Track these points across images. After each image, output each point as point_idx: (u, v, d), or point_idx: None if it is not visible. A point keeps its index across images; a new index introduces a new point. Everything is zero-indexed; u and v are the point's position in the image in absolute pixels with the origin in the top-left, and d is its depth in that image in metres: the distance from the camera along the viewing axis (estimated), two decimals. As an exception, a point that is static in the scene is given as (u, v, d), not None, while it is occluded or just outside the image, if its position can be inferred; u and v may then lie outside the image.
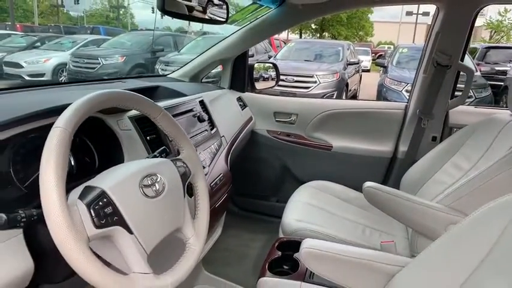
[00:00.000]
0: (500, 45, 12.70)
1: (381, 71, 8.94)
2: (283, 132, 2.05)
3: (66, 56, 9.24)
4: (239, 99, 2.00)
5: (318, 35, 28.64)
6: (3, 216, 0.57)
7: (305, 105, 2.06)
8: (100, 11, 31.41)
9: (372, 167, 1.89)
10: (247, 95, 2.08)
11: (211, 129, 1.47)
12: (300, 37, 25.47)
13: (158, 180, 0.73)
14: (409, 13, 27.62)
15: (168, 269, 0.73)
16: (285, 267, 1.16)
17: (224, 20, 1.16)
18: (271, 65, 2.26)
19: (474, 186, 1.13)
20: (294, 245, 1.24)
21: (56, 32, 15.72)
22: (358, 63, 9.12)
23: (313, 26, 28.03)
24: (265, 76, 2.24)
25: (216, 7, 1.11)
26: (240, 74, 2.06)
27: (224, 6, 1.14)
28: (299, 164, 2.02)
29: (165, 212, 0.72)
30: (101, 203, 0.61)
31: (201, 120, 1.39)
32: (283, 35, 23.83)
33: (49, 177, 0.55)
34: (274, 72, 2.24)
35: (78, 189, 0.64)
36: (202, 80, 2.03)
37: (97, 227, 0.59)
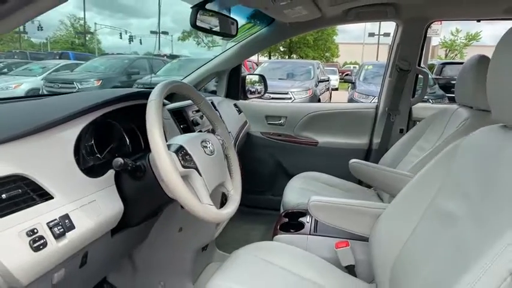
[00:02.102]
0: (454, 61, 14.08)
1: (349, 87, 9.58)
2: (275, 133, 2.35)
3: (37, 81, 9.19)
4: (235, 105, 2.29)
5: (287, 56, 29.71)
6: (120, 160, 0.82)
7: (292, 108, 2.39)
8: (65, 37, 31.11)
9: (351, 158, 2.22)
10: (241, 102, 2.38)
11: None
12: (270, 59, 26.37)
13: (210, 144, 1.00)
14: (371, 34, 29.38)
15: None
16: (292, 230, 1.43)
17: (235, 34, 1.47)
18: (259, 76, 2.59)
19: (432, 156, 1.47)
20: (297, 215, 1.53)
21: (21, 58, 15.48)
22: (328, 81, 9.73)
23: (281, 49, 29.11)
24: (252, 90, 2.57)
25: (230, 24, 1.42)
26: (235, 84, 2.36)
27: (235, 24, 1.45)
28: (290, 159, 2.32)
29: (217, 166, 0.99)
30: (182, 153, 0.87)
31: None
32: (254, 57, 24.64)
33: (155, 132, 0.81)
34: (260, 86, 2.58)
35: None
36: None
37: (183, 167, 0.85)
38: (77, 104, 0.91)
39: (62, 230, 0.72)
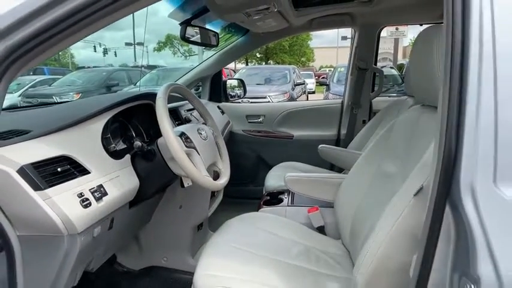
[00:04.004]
0: None
1: (324, 89, 10.01)
2: (255, 130, 2.64)
3: (15, 98, 9.10)
4: (218, 107, 2.57)
5: (264, 63, 30.22)
6: (138, 143, 1.09)
7: (270, 107, 2.69)
8: (35, 52, 30.36)
9: None
10: (224, 104, 2.66)
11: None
12: (247, 65, 26.82)
13: (204, 132, 1.27)
14: (344, 38, 30.23)
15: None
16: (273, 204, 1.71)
17: (216, 44, 1.75)
18: (237, 81, 2.89)
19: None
20: (277, 194, 1.81)
21: (-7, 77, 15.15)
22: (303, 84, 10.16)
23: (258, 55, 29.63)
24: (232, 94, 2.86)
25: (212, 36, 1.70)
26: (217, 88, 2.64)
27: (216, 36, 1.74)
28: (269, 152, 2.61)
29: (210, 148, 1.27)
30: (184, 136, 1.14)
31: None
32: (231, 65, 25.00)
33: (165, 121, 1.07)
34: (240, 90, 2.87)
35: None
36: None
37: (186, 147, 1.12)
38: (100, 104, 1.17)
39: (99, 195, 0.98)
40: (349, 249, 1.32)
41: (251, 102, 7.45)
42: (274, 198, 1.76)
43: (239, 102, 2.86)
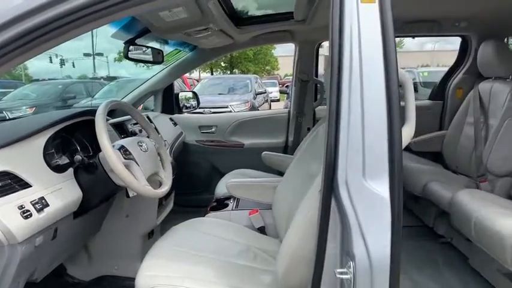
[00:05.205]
0: None
1: (286, 97, 10.31)
2: (208, 139, 2.75)
3: (-39, 114, 8.67)
4: (171, 119, 2.66)
5: (229, 72, 30.39)
6: (79, 156, 1.17)
7: (221, 118, 2.82)
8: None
9: None
10: (176, 116, 2.75)
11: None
12: (212, 75, 26.86)
13: (144, 144, 1.37)
14: (305, 47, 31.04)
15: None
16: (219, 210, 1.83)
17: (161, 61, 1.86)
18: (191, 93, 2.99)
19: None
20: (224, 200, 1.94)
21: None
22: (265, 93, 10.41)
23: (222, 64, 29.78)
24: (187, 105, 2.97)
25: (156, 54, 1.81)
26: (169, 100, 2.73)
27: (161, 53, 1.85)
28: (222, 161, 2.73)
29: (151, 159, 1.37)
30: (123, 149, 1.24)
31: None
32: (195, 74, 25.00)
33: (103, 136, 1.17)
34: (195, 102, 2.98)
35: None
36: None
37: (125, 159, 1.22)
38: (41, 122, 1.25)
39: (40, 206, 1.05)
40: None
41: (213, 112, 7.61)
42: (221, 204, 1.88)
43: (201, 113, 2.97)
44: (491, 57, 2.12)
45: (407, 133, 0.91)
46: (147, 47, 1.73)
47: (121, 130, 1.72)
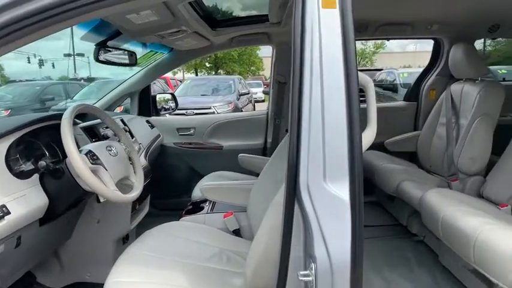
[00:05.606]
0: (364, 68, 16.03)
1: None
2: (186, 142, 2.73)
3: None
4: (147, 121, 2.63)
5: (214, 72, 30.24)
6: (43, 162, 1.14)
7: (200, 120, 2.80)
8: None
9: None
10: (153, 118, 2.72)
11: (132, 138, 2.08)
12: (196, 75, 26.69)
13: (114, 148, 1.35)
14: (289, 47, 31.18)
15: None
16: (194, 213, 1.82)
17: (134, 63, 1.84)
18: (170, 95, 2.96)
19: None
20: (199, 203, 1.93)
21: None
22: (249, 94, 10.41)
23: (207, 65, 29.61)
24: (166, 107, 2.94)
25: (129, 56, 1.79)
26: (146, 103, 2.70)
27: (133, 55, 1.83)
28: (200, 163, 2.72)
29: (120, 164, 1.35)
30: (90, 154, 1.22)
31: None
32: (179, 75, 24.79)
33: (69, 141, 1.14)
34: (173, 103, 2.95)
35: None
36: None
37: (91, 163, 1.20)
38: (4, 127, 1.21)
39: (1, 214, 1.02)
40: None
41: (196, 114, 7.59)
42: (197, 207, 1.87)
43: (184, 114, 2.95)
44: (461, 59, 2.18)
45: (369, 136, 0.92)
46: (119, 49, 1.70)
47: (93, 134, 1.68)
